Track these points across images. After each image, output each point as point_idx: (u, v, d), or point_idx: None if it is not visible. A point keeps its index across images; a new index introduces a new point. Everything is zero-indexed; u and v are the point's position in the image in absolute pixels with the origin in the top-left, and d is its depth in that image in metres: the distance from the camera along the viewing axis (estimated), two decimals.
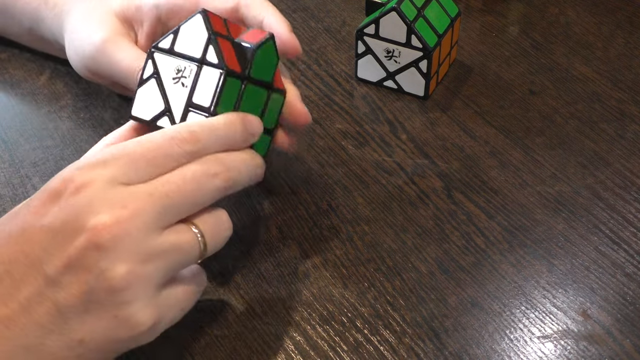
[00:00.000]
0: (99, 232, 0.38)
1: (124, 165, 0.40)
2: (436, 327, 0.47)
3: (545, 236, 0.52)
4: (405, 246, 0.51)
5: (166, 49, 0.46)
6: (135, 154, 0.40)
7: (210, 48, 0.46)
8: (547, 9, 0.72)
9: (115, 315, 0.39)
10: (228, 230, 0.43)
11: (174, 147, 0.41)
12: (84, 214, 0.38)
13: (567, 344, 0.46)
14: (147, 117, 0.46)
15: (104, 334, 0.39)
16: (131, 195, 0.39)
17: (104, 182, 0.39)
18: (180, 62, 0.46)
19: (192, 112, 0.45)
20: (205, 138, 0.42)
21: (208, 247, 0.42)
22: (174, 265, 0.41)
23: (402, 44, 0.59)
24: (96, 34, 0.54)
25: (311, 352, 0.46)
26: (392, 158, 0.57)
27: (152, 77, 0.46)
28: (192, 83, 0.46)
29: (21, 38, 0.64)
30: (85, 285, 0.38)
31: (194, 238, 0.41)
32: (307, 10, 0.72)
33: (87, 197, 0.39)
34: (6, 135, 0.59)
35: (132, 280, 0.38)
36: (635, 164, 0.57)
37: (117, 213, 0.38)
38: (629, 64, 0.66)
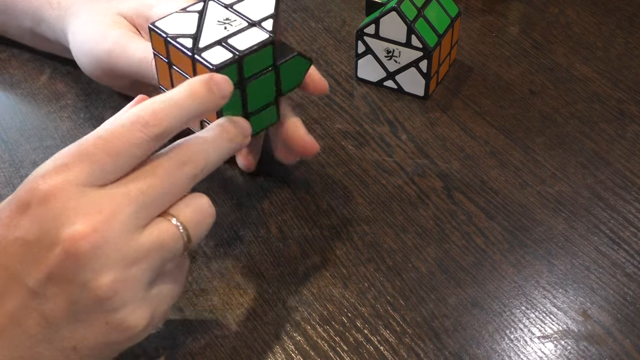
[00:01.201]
0: (76, 242, 0.36)
1: (88, 166, 0.38)
2: (436, 327, 0.47)
3: (545, 236, 0.52)
4: (405, 246, 0.51)
5: (223, 3, 0.48)
6: (97, 151, 0.38)
7: (270, 19, 0.47)
8: (547, 9, 0.72)
9: (107, 322, 0.38)
10: (211, 217, 0.41)
11: (136, 134, 0.38)
12: (57, 225, 0.37)
13: (567, 344, 0.46)
14: (169, 32, 0.46)
15: (97, 340, 0.38)
16: (104, 198, 0.37)
17: (73, 187, 0.37)
18: (232, 15, 0.47)
19: (221, 46, 0.45)
20: (168, 116, 0.39)
21: (192, 238, 0.40)
22: (159, 263, 0.39)
23: (402, 44, 0.59)
24: (106, 38, 0.54)
25: (311, 352, 0.46)
26: (392, 158, 0.57)
27: (196, 13, 0.47)
28: (235, 30, 0.46)
29: (22, 37, 0.64)
30: (70, 296, 0.37)
31: (176, 231, 0.39)
32: (307, 10, 0.72)
33: (57, 206, 0.37)
34: (6, 135, 0.59)
35: (118, 287, 0.37)
36: (635, 164, 0.57)
37: (92, 219, 0.37)
38: (629, 64, 0.66)
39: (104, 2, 0.56)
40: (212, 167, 0.41)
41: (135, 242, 0.38)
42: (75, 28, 0.57)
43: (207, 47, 0.45)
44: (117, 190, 0.38)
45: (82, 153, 0.38)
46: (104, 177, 0.38)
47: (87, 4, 0.57)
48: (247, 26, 0.47)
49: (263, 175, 0.56)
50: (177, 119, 0.39)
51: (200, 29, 0.46)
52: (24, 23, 0.62)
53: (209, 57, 0.44)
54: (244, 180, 0.56)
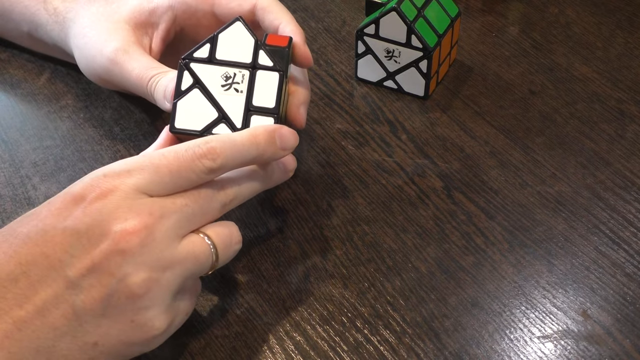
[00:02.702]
0: (125, 236, 0.39)
1: (148, 176, 0.41)
2: (436, 327, 0.47)
3: (545, 236, 0.52)
4: (405, 246, 0.51)
5: (205, 59, 0.46)
6: (160, 165, 0.41)
7: (261, 52, 0.47)
8: (547, 9, 0.72)
9: (132, 320, 0.39)
10: (238, 244, 0.44)
11: (196, 162, 0.41)
12: (110, 219, 0.39)
13: (567, 344, 0.46)
14: (197, 128, 0.46)
15: (119, 338, 0.39)
16: (155, 204, 0.40)
17: (129, 189, 0.40)
18: (228, 70, 0.46)
19: (255, 115, 0.46)
20: (226, 154, 0.42)
21: (219, 259, 0.43)
22: (189, 274, 0.42)
23: (402, 44, 0.59)
24: (108, 44, 0.53)
25: (311, 352, 0.46)
26: (392, 158, 0.57)
27: (195, 87, 0.46)
28: (247, 88, 0.46)
29: (21, 41, 0.64)
30: (106, 289, 0.38)
31: (208, 249, 0.42)
32: (307, 10, 0.72)
33: (113, 202, 0.39)
34: (6, 135, 0.59)
35: (152, 286, 0.39)
36: (635, 164, 0.57)
37: (144, 220, 0.39)
38: (629, 64, 0.66)
39: (102, 4, 0.56)
40: (243, 199, 0.45)
41: (173, 248, 0.40)
42: (76, 33, 0.56)
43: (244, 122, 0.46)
44: (165, 200, 0.41)
45: (147, 164, 0.41)
46: (159, 190, 0.41)
47: (85, 7, 0.56)
48: (251, 73, 0.46)
49: None
50: (234, 160, 0.43)
51: (219, 106, 0.46)
52: (21, 27, 0.62)
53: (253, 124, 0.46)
54: None
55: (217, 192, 0.43)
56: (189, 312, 0.44)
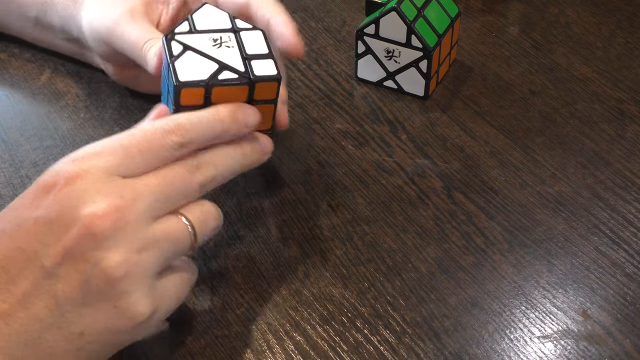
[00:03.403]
0: (95, 220, 0.38)
1: (118, 157, 0.40)
2: (436, 327, 0.47)
3: (545, 236, 0.52)
4: (405, 246, 0.51)
5: (187, 31, 0.47)
6: (129, 145, 0.41)
7: (237, 20, 0.48)
8: (547, 9, 0.72)
9: (114, 306, 0.39)
10: (216, 220, 0.44)
11: (165, 138, 0.41)
12: (79, 204, 0.38)
13: (567, 344, 0.46)
14: (202, 77, 0.45)
15: (104, 326, 0.39)
16: (127, 186, 0.40)
17: (98, 172, 0.39)
18: (212, 35, 0.47)
19: (254, 60, 0.46)
20: (193, 130, 0.42)
21: (198, 237, 0.42)
22: (168, 254, 0.41)
23: (402, 44, 0.59)
24: (116, 9, 0.55)
25: (311, 352, 0.46)
26: (392, 158, 0.57)
27: (187, 51, 0.46)
28: (237, 44, 0.47)
29: (24, 29, 0.64)
30: (83, 275, 0.38)
31: (185, 228, 0.41)
32: (307, 10, 0.72)
33: (82, 187, 0.39)
34: (6, 135, 0.59)
35: (129, 269, 0.38)
36: (635, 164, 0.57)
37: (114, 202, 0.39)
38: (629, 64, 0.66)
39: None
40: (222, 178, 0.44)
41: (148, 230, 0.40)
42: (89, 4, 0.57)
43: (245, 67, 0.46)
44: (139, 181, 0.40)
45: (116, 145, 0.41)
46: (130, 169, 0.40)
47: None
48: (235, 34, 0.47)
49: (263, 175, 0.56)
50: (202, 135, 0.43)
51: (216, 59, 0.46)
52: (29, 12, 0.62)
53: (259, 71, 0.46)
54: (244, 180, 0.56)
55: (194, 172, 0.42)
56: (181, 296, 0.43)
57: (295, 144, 0.58)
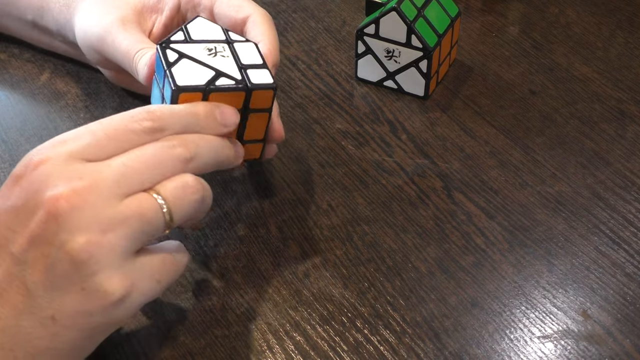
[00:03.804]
0: (55, 202, 0.38)
1: (84, 142, 0.40)
2: (436, 327, 0.47)
3: (545, 236, 0.52)
4: (405, 246, 0.51)
5: (182, 40, 0.47)
6: (96, 130, 0.41)
7: (230, 32, 0.48)
8: (547, 9, 0.72)
9: (82, 288, 0.38)
10: (195, 194, 0.42)
11: (134, 124, 0.41)
12: (42, 189, 0.39)
13: (567, 344, 0.46)
14: (200, 82, 0.45)
15: (74, 308, 0.38)
16: (88, 168, 0.39)
17: (63, 157, 0.39)
18: (207, 44, 0.47)
19: (250, 69, 0.46)
20: (164, 118, 0.42)
21: (174, 215, 0.41)
22: (138, 234, 0.40)
23: (402, 44, 0.59)
24: (107, 16, 0.55)
25: (311, 352, 0.46)
26: (392, 158, 0.57)
27: (182, 58, 0.46)
28: (232, 54, 0.47)
29: (23, 31, 0.64)
30: (48, 259, 0.38)
31: (156, 204, 0.40)
32: (307, 10, 0.72)
33: (45, 171, 0.39)
34: (6, 135, 0.59)
35: (94, 250, 0.38)
36: (635, 164, 0.57)
37: (74, 184, 0.38)
38: (629, 64, 0.66)
39: None
40: (205, 165, 0.43)
41: (113, 208, 0.39)
42: (82, 9, 0.57)
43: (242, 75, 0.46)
44: (102, 163, 0.40)
45: (82, 131, 0.41)
46: (96, 153, 0.40)
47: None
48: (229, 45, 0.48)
49: (263, 175, 0.56)
50: (174, 124, 0.42)
51: (212, 67, 0.46)
52: (25, 15, 0.62)
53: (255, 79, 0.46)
54: (244, 180, 0.56)
55: (171, 147, 0.41)
56: (163, 279, 0.42)
57: (295, 144, 0.58)
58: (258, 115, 0.47)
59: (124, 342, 0.46)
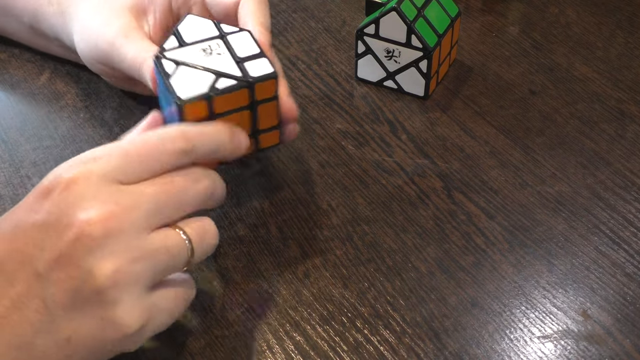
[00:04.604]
0: (89, 226, 0.38)
1: (116, 162, 0.40)
2: (436, 327, 0.47)
3: (545, 236, 0.52)
4: (405, 246, 0.51)
5: (176, 46, 0.47)
6: (128, 150, 0.40)
7: (222, 25, 0.48)
8: (547, 9, 0.72)
9: (102, 317, 0.38)
10: (214, 239, 0.43)
11: (166, 145, 0.41)
12: (75, 208, 0.38)
13: (567, 344, 0.46)
14: (203, 90, 0.45)
15: (91, 334, 0.38)
16: (123, 192, 0.39)
17: (96, 177, 0.39)
18: (201, 45, 0.47)
19: (247, 61, 0.46)
20: (196, 139, 0.42)
21: (195, 253, 0.42)
22: (162, 268, 0.40)
23: (402, 44, 0.59)
24: (109, 27, 0.54)
25: (311, 352, 0.46)
26: (392, 158, 0.57)
27: (179, 66, 0.46)
28: (227, 49, 0.47)
29: (21, 35, 0.64)
30: (73, 281, 0.38)
31: (182, 241, 0.41)
32: (307, 10, 0.72)
33: (79, 191, 0.38)
34: (6, 135, 0.59)
35: (119, 278, 0.38)
36: (635, 164, 0.57)
37: (109, 208, 0.38)
38: (629, 64, 0.66)
39: None
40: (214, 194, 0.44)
41: (143, 240, 0.39)
42: (78, 20, 0.57)
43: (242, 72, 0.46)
44: (135, 188, 0.40)
45: (114, 149, 0.40)
46: (129, 175, 0.40)
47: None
48: (223, 40, 0.47)
49: (263, 175, 0.56)
50: (205, 144, 0.43)
51: (211, 69, 0.46)
52: (22, 20, 0.62)
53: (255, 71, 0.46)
54: (244, 180, 0.56)
55: (195, 181, 0.42)
56: (175, 313, 0.42)
57: (295, 144, 0.58)
58: (266, 105, 0.47)
59: None
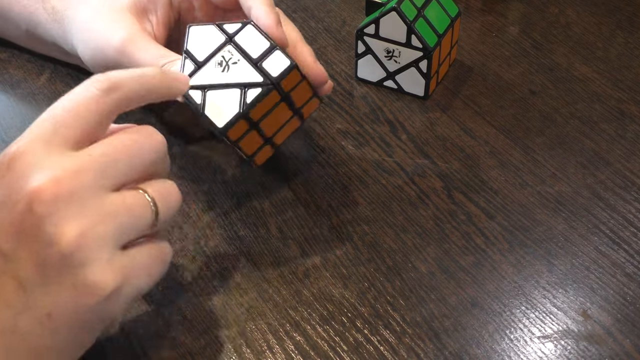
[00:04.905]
0: (37, 194, 0.37)
1: (50, 126, 0.39)
2: (436, 327, 0.47)
3: (545, 236, 0.52)
4: (405, 246, 0.51)
5: (194, 70, 0.48)
6: (58, 111, 0.40)
7: (224, 25, 0.48)
8: (547, 9, 0.72)
9: (74, 283, 0.37)
10: (178, 201, 0.42)
11: (90, 89, 0.40)
12: (22, 182, 0.37)
13: (567, 344, 0.46)
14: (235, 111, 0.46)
15: (69, 304, 0.38)
16: (67, 157, 0.38)
17: (36, 147, 0.38)
18: (215, 59, 0.48)
19: (264, 60, 0.47)
20: (118, 76, 0.41)
21: (160, 214, 0.41)
22: (128, 227, 0.39)
23: (402, 44, 0.59)
24: (114, 35, 0.53)
25: (311, 352, 0.46)
26: (392, 158, 0.57)
27: (206, 91, 0.47)
28: (240, 53, 0.47)
29: (19, 40, 0.64)
30: (38, 255, 0.37)
31: (144, 200, 0.40)
32: (307, 10, 0.72)
33: (24, 165, 0.38)
34: (6, 135, 0.59)
35: (82, 241, 0.37)
36: (635, 164, 0.57)
37: (55, 174, 0.37)
38: (629, 64, 0.66)
39: None
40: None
41: (101, 200, 0.38)
42: (79, 28, 0.56)
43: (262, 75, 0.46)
44: (81, 152, 0.39)
45: (46, 115, 0.40)
46: (67, 134, 0.39)
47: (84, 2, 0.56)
48: (232, 43, 0.48)
49: (263, 175, 0.56)
50: (130, 78, 0.42)
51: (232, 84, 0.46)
52: (19, 26, 0.62)
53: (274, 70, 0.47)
54: (244, 180, 0.56)
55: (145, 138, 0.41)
56: (153, 273, 0.41)
57: (295, 144, 0.58)
58: (297, 89, 0.48)
59: (124, 342, 0.46)
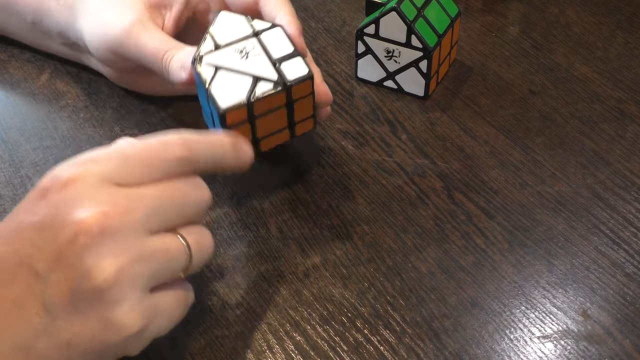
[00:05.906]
0: (86, 225, 0.37)
1: (115, 164, 0.40)
2: (436, 327, 0.47)
3: (545, 236, 0.52)
4: (405, 246, 0.51)
5: (212, 49, 0.48)
6: (128, 153, 0.40)
7: (255, 21, 0.49)
8: (547, 9, 0.72)
9: (102, 318, 0.38)
10: (211, 247, 0.43)
11: (167, 151, 0.41)
12: (71, 208, 0.38)
13: (567, 344, 0.46)
14: (242, 97, 0.46)
15: (91, 336, 0.38)
16: (120, 194, 0.39)
17: (93, 178, 0.39)
18: (237, 46, 0.48)
19: (283, 62, 0.47)
20: (196, 147, 0.42)
21: (193, 259, 0.41)
22: (162, 270, 0.40)
23: (402, 44, 0.59)
24: (123, 17, 0.54)
25: (311, 352, 0.46)
26: (392, 158, 0.57)
27: (218, 71, 0.47)
28: (262, 49, 0.47)
29: (22, 34, 0.64)
30: (72, 283, 0.37)
31: (181, 246, 0.41)
32: (307, 10, 0.72)
33: (76, 191, 0.38)
34: (6, 135, 0.59)
35: (119, 278, 0.37)
36: (635, 164, 0.57)
37: (106, 209, 0.38)
38: (629, 64, 0.66)
39: None
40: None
41: (143, 241, 0.39)
42: (88, 11, 0.56)
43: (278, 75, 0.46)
44: (135, 191, 0.39)
45: (114, 152, 0.40)
46: (127, 178, 0.39)
47: None
48: (256, 38, 0.48)
49: (263, 175, 0.56)
50: (206, 152, 0.43)
51: (249, 73, 0.46)
52: (24, 18, 0.61)
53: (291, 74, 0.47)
54: (244, 180, 0.56)
55: (198, 187, 0.42)
56: (175, 316, 0.42)
57: (295, 144, 0.58)
58: (302, 101, 0.48)
59: None
